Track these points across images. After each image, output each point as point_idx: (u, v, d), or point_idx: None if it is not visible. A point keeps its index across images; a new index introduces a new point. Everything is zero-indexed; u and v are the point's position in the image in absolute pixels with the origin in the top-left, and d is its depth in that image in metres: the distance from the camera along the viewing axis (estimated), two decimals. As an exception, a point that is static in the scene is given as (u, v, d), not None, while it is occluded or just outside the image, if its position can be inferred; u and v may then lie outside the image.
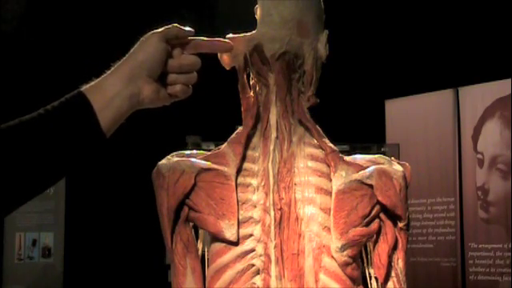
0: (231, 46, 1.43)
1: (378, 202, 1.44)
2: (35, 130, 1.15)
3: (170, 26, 1.30)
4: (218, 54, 1.49)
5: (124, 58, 1.25)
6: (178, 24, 1.31)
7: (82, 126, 1.17)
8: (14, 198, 1.16)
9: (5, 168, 1.12)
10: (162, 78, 1.28)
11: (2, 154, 1.12)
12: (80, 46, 5.43)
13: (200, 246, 1.47)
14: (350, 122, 5.39)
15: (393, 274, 1.47)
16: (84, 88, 1.21)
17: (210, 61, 1.39)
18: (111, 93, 1.21)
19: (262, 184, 1.45)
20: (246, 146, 1.48)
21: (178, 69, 1.29)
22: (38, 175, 1.16)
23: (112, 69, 1.24)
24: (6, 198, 1.15)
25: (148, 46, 1.25)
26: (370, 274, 1.49)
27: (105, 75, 1.23)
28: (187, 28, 1.32)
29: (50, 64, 5.51)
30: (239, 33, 1.46)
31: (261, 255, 1.42)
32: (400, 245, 1.47)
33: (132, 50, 1.26)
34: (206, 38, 1.37)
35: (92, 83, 1.22)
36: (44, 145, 1.15)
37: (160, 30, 1.28)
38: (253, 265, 1.42)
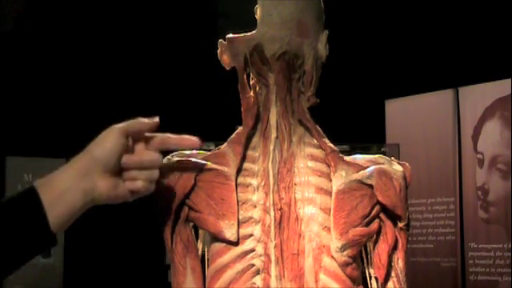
0: (199, 143, 1.33)
1: (378, 202, 1.44)
2: None
3: (133, 120, 1.24)
4: (218, 54, 1.49)
5: (81, 153, 1.21)
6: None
7: (30, 222, 1.14)
8: None
9: None
10: (122, 173, 1.24)
11: None
12: (79, 47, 5.43)
13: (200, 245, 1.47)
14: (350, 122, 5.39)
15: (393, 274, 1.47)
16: (37, 181, 1.17)
17: (209, 61, 1.39)
18: (62, 188, 1.17)
19: (262, 184, 1.45)
20: (246, 146, 1.47)
21: (138, 165, 1.24)
22: None
23: (67, 163, 1.20)
24: None
25: (106, 142, 1.21)
26: (369, 273, 1.49)
27: (58, 170, 1.19)
28: (155, 119, 1.25)
29: (50, 65, 5.51)
30: (239, 33, 1.46)
31: (261, 255, 1.42)
32: (400, 245, 1.47)
33: (90, 145, 1.21)
34: (172, 135, 1.29)
35: (45, 177, 1.18)
36: None
37: (122, 124, 1.23)
38: (253, 265, 1.42)
